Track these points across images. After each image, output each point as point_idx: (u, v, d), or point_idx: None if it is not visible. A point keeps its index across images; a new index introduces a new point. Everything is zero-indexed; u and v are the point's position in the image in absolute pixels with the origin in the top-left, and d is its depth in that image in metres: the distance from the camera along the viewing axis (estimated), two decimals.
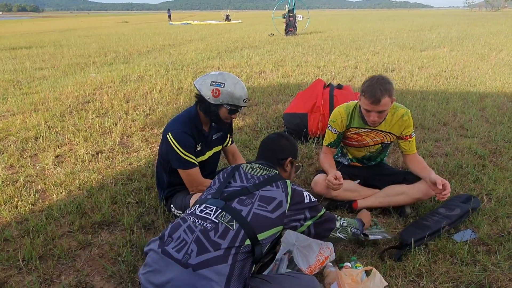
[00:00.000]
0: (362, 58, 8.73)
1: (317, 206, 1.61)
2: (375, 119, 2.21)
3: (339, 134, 2.47)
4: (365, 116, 2.27)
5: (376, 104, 2.13)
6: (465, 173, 2.89)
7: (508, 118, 4.14)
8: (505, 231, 2.16)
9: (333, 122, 2.46)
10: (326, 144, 2.53)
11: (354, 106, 2.44)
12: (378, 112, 2.18)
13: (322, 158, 2.54)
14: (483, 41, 11.69)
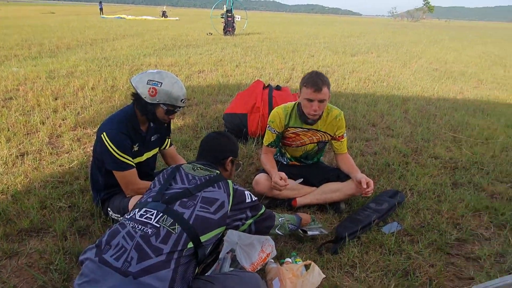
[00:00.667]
0: (298, 60, 9.05)
1: (258, 205, 1.66)
2: (316, 108, 2.32)
3: (278, 134, 2.55)
4: (307, 107, 2.36)
5: (318, 92, 2.27)
6: (392, 170, 3.15)
7: (427, 119, 4.58)
8: (425, 222, 2.40)
9: (272, 123, 2.54)
10: (266, 144, 2.60)
11: (292, 106, 2.55)
12: (319, 102, 2.31)
13: (263, 158, 2.61)
14: (405, 49, 12.77)
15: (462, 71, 8.50)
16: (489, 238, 2.27)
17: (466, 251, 2.15)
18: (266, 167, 2.52)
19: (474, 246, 2.19)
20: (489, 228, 2.38)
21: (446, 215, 2.47)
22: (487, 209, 2.56)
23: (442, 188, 2.85)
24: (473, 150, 3.62)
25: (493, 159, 3.43)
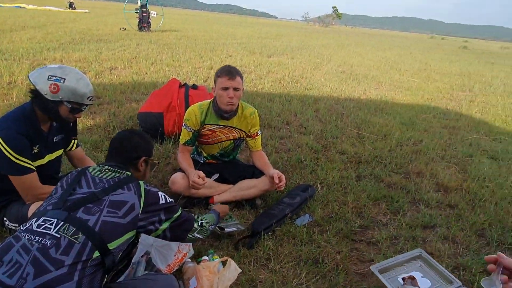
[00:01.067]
0: (216, 60, 9.07)
1: (173, 207, 1.58)
2: (232, 95, 2.38)
3: (194, 132, 2.55)
4: (222, 96, 2.41)
5: (232, 79, 2.36)
6: (304, 165, 3.34)
7: (335, 118, 4.94)
8: (333, 213, 2.59)
9: (187, 121, 2.53)
10: (183, 143, 2.58)
11: (208, 104, 2.57)
12: (234, 90, 2.39)
13: (179, 157, 2.58)
14: (317, 52, 13.59)
15: (365, 74, 9.34)
16: (386, 223, 2.55)
17: (367, 237, 2.38)
18: (183, 165, 2.50)
19: (374, 232, 2.43)
20: (386, 214, 2.67)
21: (351, 205, 2.70)
22: (384, 198, 2.86)
23: (348, 180, 3.11)
24: (374, 145, 4.01)
25: (390, 153, 3.83)
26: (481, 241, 2.43)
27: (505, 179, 3.42)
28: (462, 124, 5.30)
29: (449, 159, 3.83)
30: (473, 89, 8.53)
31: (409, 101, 6.67)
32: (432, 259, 1.09)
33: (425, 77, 9.85)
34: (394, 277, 1.03)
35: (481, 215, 2.71)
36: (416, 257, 1.11)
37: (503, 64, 16.13)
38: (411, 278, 1.00)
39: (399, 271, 1.05)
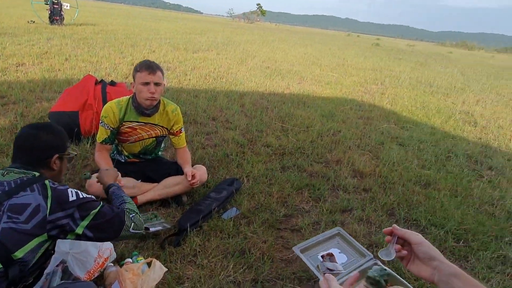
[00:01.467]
0: (138, 55, 8.69)
1: (89, 203, 1.40)
2: (153, 90, 2.32)
3: (113, 129, 2.43)
4: (143, 92, 2.33)
5: (153, 74, 2.30)
6: (230, 160, 3.37)
7: (260, 112, 5.06)
8: (259, 204, 2.66)
9: (105, 118, 2.40)
10: (100, 141, 2.44)
11: (127, 100, 2.47)
12: (155, 85, 2.32)
13: (97, 156, 2.44)
14: (242, 48, 13.72)
15: (289, 69, 9.67)
16: (309, 210, 2.69)
17: (291, 224, 2.48)
18: (101, 166, 2.36)
19: (297, 219, 2.55)
20: (308, 202, 2.81)
21: (276, 196, 2.80)
22: (307, 187, 3.01)
23: (273, 172, 3.21)
24: (297, 137, 4.18)
25: (312, 143, 4.03)
26: (391, 219, 2.68)
27: (411, 163, 3.80)
28: (375, 115, 5.76)
29: (364, 147, 4.15)
30: (384, 83, 9.31)
31: (329, 94, 7.07)
32: (349, 236, 1.19)
33: (343, 72, 10.50)
34: (314, 255, 1.09)
35: (391, 196, 2.98)
36: (335, 235, 1.19)
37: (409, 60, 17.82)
38: (330, 255, 1.07)
39: (319, 250, 1.12)
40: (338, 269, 1.02)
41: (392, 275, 0.95)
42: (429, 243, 0.90)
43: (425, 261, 0.87)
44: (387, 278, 0.98)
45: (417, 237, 0.91)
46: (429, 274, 0.86)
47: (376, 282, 0.96)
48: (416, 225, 2.64)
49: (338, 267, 1.03)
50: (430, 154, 4.15)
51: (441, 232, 2.53)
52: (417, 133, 4.98)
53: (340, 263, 1.06)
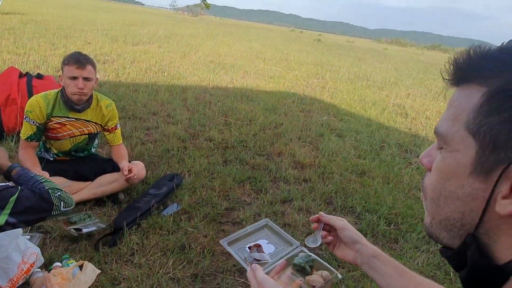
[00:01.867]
0: (72, 47, 8.16)
1: (4, 191, 1.30)
2: (81, 86, 2.20)
3: (39, 125, 2.26)
4: (71, 86, 2.21)
5: (82, 68, 2.18)
6: (171, 155, 3.29)
7: (203, 106, 4.99)
8: (201, 199, 2.63)
9: (30, 113, 2.23)
10: (25, 138, 2.27)
11: (55, 93, 2.32)
12: (84, 80, 2.20)
13: (21, 154, 2.27)
14: (185, 41, 13.43)
15: (233, 63, 9.65)
16: (250, 202, 2.71)
17: (233, 217, 2.49)
18: (26, 164, 2.19)
19: (239, 212, 2.56)
20: (250, 194, 2.83)
21: (218, 189, 2.79)
22: (249, 179, 3.03)
23: (215, 166, 3.19)
24: (240, 131, 4.19)
25: (254, 137, 4.06)
26: (329, 208, 2.79)
27: (348, 153, 3.99)
28: (316, 108, 5.95)
29: (305, 139, 4.27)
30: (324, 77, 9.64)
31: (272, 88, 7.16)
32: (276, 226, 1.21)
33: (286, 66, 10.70)
34: (243, 247, 1.09)
35: (329, 186, 3.10)
36: (263, 226, 1.20)
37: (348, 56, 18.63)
38: (257, 246, 1.08)
39: (247, 242, 1.12)
40: (265, 259, 1.04)
41: (317, 261, 0.99)
42: (352, 227, 0.94)
43: (349, 245, 0.92)
44: (312, 264, 1.01)
45: (342, 222, 0.94)
46: (353, 257, 0.90)
47: (302, 269, 0.99)
48: (352, 211, 2.77)
49: (265, 257, 1.05)
50: (366, 144, 4.37)
51: (374, 217, 2.68)
52: (354, 124, 5.23)
53: (267, 253, 1.08)
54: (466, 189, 0.46)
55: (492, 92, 0.43)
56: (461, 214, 0.47)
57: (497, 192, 0.43)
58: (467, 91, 0.46)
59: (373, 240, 2.43)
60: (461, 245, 0.48)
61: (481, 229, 0.46)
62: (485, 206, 0.44)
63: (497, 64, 0.43)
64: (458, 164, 0.46)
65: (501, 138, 0.41)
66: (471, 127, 0.44)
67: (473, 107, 0.45)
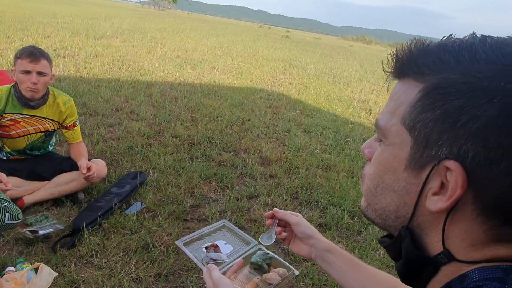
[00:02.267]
0: (29, 40, 7.75)
1: None
2: (35, 80, 2.10)
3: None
4: (24, 82, 2.11)
5: (36, 62, 2.08)
6: (135, 152, 3.21)
7: (169, 102, 4.90)
8: (165, 196, 2.59)
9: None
10: None
11: (8, 89, 2.19)
12: (38, 74, 2.10)
13: None
14: (151, 36, 13.12)
15: (200, 59, 9.53)
16: (216, 199, 2.69)
17: (199, 214, 2.46)
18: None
19: (205, 209, 2.54)
20: (216, 191, 2.81)
21: (183, 187, 2.75)
22: (215, 176, 3.01)
23: (180, 163, 3.13)
24: (206, 127, 4.15)
25: (221, 133, 4.04)
26: (295, 203, 2.83)
27: (314, 148, 4.05)
28: (283, 103, 5.99)
29: (272, 135, 4.29)
30: (292, 73, 9.73)
31: (239, 84, 7.14)
32: (234, 227, 1.20)
33: (253, 62, 10.70)
34: (199, 248, 1.08)
35: (295, 181, 3.14)
36: (221, 227, 1.19)
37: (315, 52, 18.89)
38: (214, 246, 1.07)
39: (204, 242, 1.11)
40: (222, 258, 1.03)
41: (275, 258, 0.99)
42: (307, 222, 0.95)
43: (304, 240, 0.92)
44: (269, 262, 1.02)
45: (296, 218, 0.95)
46: (307, 251, 0.91)
47: (259, 267, 0.99)
48: (317, 206, 2.81)
49: (222, 256, 1.04)
50: (332, 139, 4.45)
51: (339, 211, 2.74)
52: (320, 120, 5.31)
53: (225, 253, 1.07)
54: (401, 183, 0.47)
55: (428, 89, 0.43)
56: (396, 206, 0.48)
57: (428, 188, 0.44)
58: (406, 85, 0.47)
59: (337, 233, 2.48)
60: (396, 237, 0.50)
61: (415, 222, 0.47)
62: (417, 200, 0.45)
63: (435, 61, 0.44)
64: (395, 158, 0.47)
65: (433, 136, 0.42)
66: (407, 122, 0.45)
67: (410, 102, 0.45)
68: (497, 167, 0.39)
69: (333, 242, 2.28)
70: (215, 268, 0.81)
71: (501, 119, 0.38)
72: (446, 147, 0.41)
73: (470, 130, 0.39)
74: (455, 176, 0.41)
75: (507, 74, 0.39)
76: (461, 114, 0.40)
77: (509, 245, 0.42)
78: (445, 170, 0.42)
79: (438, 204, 0.43)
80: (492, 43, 0.42)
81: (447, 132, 0.41)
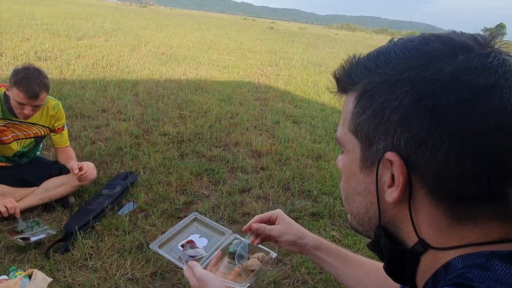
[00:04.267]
0: (8, 44, 7.58)
1: None
2: (29, 113, 2.07)
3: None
4: (17, 109, 2.07)
5: (34, 99, 2.02)
6: (124, 153, 3.18)
7: (156, 100, 4.86)
8: (157, 195, 2.58)
9: None
10: None
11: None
12: (33, 106, 2.07)
13: None
14: (134, 34, 12.94)
15: (185, 54, 9.44)
16: (209, 195, 2.69)
17: (191, 211, 2.46)
18: None
19: (197, 205, 2.54)
20: (208, 187, 2.81)
21: (175, 184, 2.74)
22: (206, 171, 3.01)
23: (171, 161, 3.12)
24: (195, 123, 4.13)
25: (210, 128, 4.03)
26: (287, 193, 2.84)
27: (304, 138, 4.06)
28: (271, 96, 5.99)
29: (261, 127, 4.29)
30: (279, 64, 9.71)
31: (226, 78, 7.11)
32: (205, 218, 1.19)
33: (239, 55, 10.65)
34: (175, 246, 1.07)
35: (286, 172, 3.15)
36: (192, 221, 1.18)
37: (301, 42, 18.87)
38: (189, 242, 1.07)
39: (178, 240, 1.10)
40: (200, 253, 1.03)
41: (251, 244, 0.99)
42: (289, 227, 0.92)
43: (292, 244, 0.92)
44: (247, 248, 1.02)
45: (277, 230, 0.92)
46: (298, 251, 0.92)
47: (238, 256, 0.99)
48: (309, 195, 2.83)
49: (200, 252, 1.04)
50: (321, 129, 4.48)
51: (331, 199, 2.77)
52: (309, 110, 5.32)
53: (201, 247, 1.07)
54: (362, 185, 0.51)
55: (359, 95, 0.48)
56: (365, 208, 0.52)
57: (382, 183, 0.47)
58: (348, 98, 0.52)
59: (330, 221, 2.51)
60: (374, 238, 0.52)
61: (385, 219, 0.50)
62: (377, 197, 0.48)
63: (362, 70, 0.48)
64: (352, 163, 0.52)
65: (371, 134, 0.47)
66: (352, 128, 0.50)
67: (350, 111, 0.50)
68: (426, 148, 0.42)
69: (327, 229, 2.30)
70: (196, 265, 0.82)
71: (415, 104, 0.42)
72: (382, 141, 0.45)
73: (395, 120, 0.44)
74: (396, 165, 0.44)
75: (410, 65, 0.44)
76: (385, 108, 0.44)
77: (473, 225, 0.44)
78: (389, 162, 0.45)
79: (392, 195, 0.46)
80: (401, 43, 0.48)
81: (380, 128, 0.45)
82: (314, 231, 2.32)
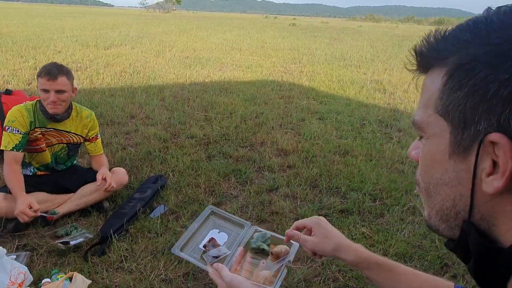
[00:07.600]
0: (42, 57, 7.96)
1: None
2: (54, 99, 2.17)
3: (24, 134, 2.22)
4: (44, 100, 2.19)
5: (53, 80, 2.14)
6: (154, 157, 3.27)
7: (181, 104, 4.96)
8: (187, 197, 2.63)
9: (12, 122, 2.19)
10: (10, 148, 2.18)
11: (34, 104, 2.30)
12: (57, 92, 2.16)
13: (7, 173, 2.18)
14: (158, 40, 13.25)
15: (208, 57, 9.57)
16: (237, 195, 2.72)
17: None
18: (11, 184, 2.15)
19: (226, 206, 2.57)
20: (236, 187, 2.84)
21: (203, 186, 2.79)
22: (234, 172, 3.04)
23: (198, 163, 3.18)
24: (221, 125, 4.18)
25: (236, 129, 4.06)
26: (315, 191, 2.83)
27: (330, 135, 4.02)
28: (295, 93, 5.97)
29: (286, 125, 4.29)
30: (302, 61, 9.66)
31: (250, 78, 7.14)
32: (222, 211, 1.17)
33: (262, 54, 10.67)
34: (196, 247, 1.06)
35: (313, 169, 3.13)
36: (210, 215, 1.16)
37: (323, 37, 18.68)
38: (211, 240, 1.05)
39: (199, 237, 1.09)
40: (223, 252, 1.01)
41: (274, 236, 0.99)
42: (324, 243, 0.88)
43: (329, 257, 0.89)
44: (269, 242, 1.01)
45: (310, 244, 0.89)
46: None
47: (261, 250, 0.99)
48: (337, 192, 2.81)
49: (222, 250, 1.02)
50: (347, 124, 4.42)
51: (360, 195, 2.73)
52: (334, 105, 5.26)
53: (223, 244, 1.06)
54: (451, 173, 0.44)
55: (452, 70, 0.43)
56: (452, 201, 0.45)
57: (480, 170, 0.41)
58: (432, 75, 0.46)
59: (360, 217, 2.48)
60: (461, 234, 0.46)
61: (476, 214, 0.44)
62: (471, 187, 0.42)
63: (453, 43, 0.43)
64: (438, 149, 0.45)
65: (468, 114, 0.41)
66: (440, 109, 0.44)
67: (438, 89, 0.44)
68: None
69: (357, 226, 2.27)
70: (223, 268, 0.81)
71: None
72: (484, 121, 0.39)
73: (503, 96, 0.37)
74: (502, 148, 0.38)
75: None
76: (489, 83, 0.38)
77: None
78: (491, 145, 0.39)
79: (494, 184, 0.39)
80: (506, 9, 0.42)
81: (481, 106, 0.39)
82: (344, 229, 2.31)
